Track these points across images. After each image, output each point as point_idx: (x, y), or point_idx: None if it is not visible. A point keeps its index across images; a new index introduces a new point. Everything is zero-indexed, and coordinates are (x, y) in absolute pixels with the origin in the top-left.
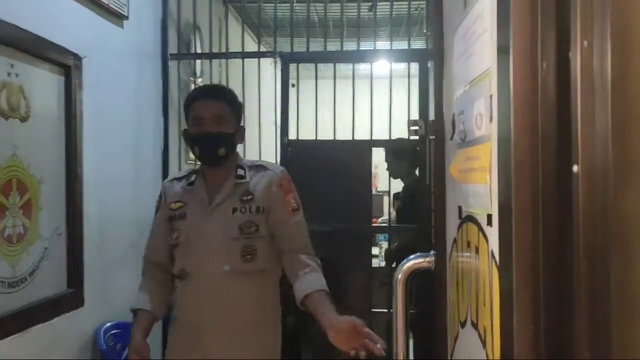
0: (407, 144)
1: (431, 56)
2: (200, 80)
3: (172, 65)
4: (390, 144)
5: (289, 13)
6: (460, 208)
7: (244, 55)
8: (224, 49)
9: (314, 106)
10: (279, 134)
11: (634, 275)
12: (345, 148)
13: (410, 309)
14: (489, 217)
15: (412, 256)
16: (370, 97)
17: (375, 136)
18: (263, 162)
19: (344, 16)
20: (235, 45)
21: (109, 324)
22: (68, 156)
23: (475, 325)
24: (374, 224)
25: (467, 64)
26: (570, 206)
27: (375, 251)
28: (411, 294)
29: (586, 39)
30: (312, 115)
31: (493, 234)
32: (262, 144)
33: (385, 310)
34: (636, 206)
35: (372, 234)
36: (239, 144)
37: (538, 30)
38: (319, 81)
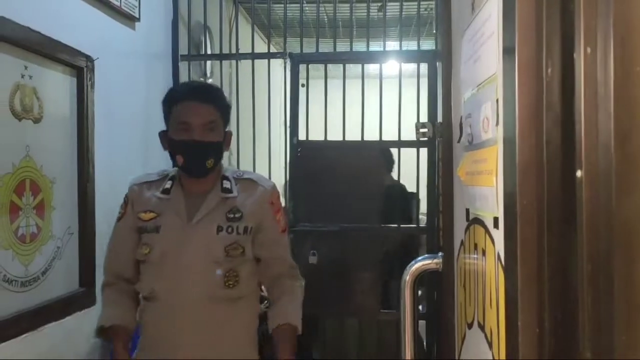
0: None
1: (439, 58)
2: (210, 80)
3: (183, 66)
4: (400, 145)
5: (298, 13)
6: (467, 210)
7: (254, 56)
8: (234, 50)
9: (323, 106)
10: (288, 135)
11: (636, 277)
12: (355, 149)
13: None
14: (496, 220)
15: (420, 257)
16: (379, 97)
17: (384, 136)
18: (251, 174)
19: (353, 16)
20: (245, 45)
21: None
22: (80, 156)
23: (482, 327)
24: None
25: (474, 67)
26: (574, 210)
27: None
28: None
29: (589, 46)
30: (321, 116)
31: (499, 236)
32: (271, 145)
33: (394, 311)
34: (638, 210)
35: (381, 234)
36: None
37: (543, 37)
38: (328, 80)
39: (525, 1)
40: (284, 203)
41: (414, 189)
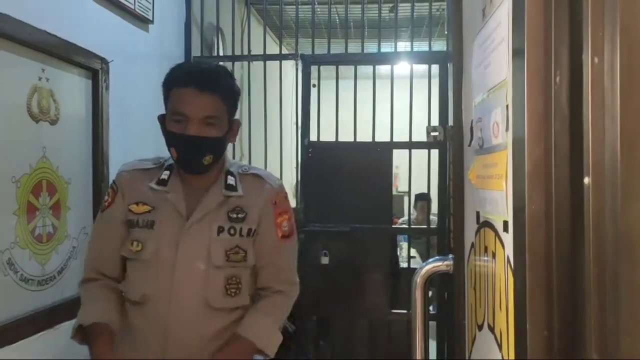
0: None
1: (451, 59)
2: None
3: None
4: (411, 146)
5: (310, 14)
6: (478, 213)
7: (265, 58)
8: (246, 51)
9: (334, 107)
10: (299, 136)
11: None
12: (366, 150)
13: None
14: (505, 224)
15: (431, 259)
16: (390, 98)
17: (395, 137)
18: (258, 169)
19: (365, 17)
20: (257, 46)
21: None
22: (95, 157)
23: (492, 329)
24: (394, 225)
25: (485, 72)
26: (581, 215)
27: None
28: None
29: (597, 55)
30: (332, 117)
31: (509, 240)
32: (283, 146)
33: (405, 312)
34: None
35: (392, 234)
36: (230, 143)
37: (552, 45)
38: (339, 81)
39: (534, 9)
40: (294, 204)
41: (425, 190)
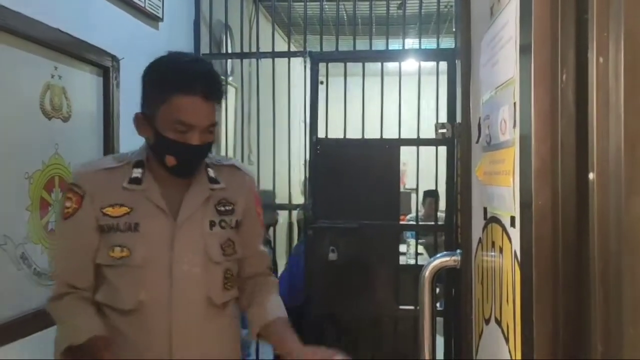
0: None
1: (458, 56)
2: (231, 79)
3: None
4: (419, 142)
5: (318, 11)
6: (485, 209)
7: (274, 55)
8: (254, 48)
9: (342, 104)
10: (308, 133)
11: None
12: (374, 146)
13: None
14: (512, 219)
15: (438, 255)
16: (398, 95)
17: (403, 134)
18: (232, 160)
19: (372, 14)
20: (265, 43)
21: None
22: (105, 153)
23: (499, 322)
24: (401, 221)
25: (493, 70)
26: (586, 211)
27: (402, 248)
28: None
29: (602, 55)
30: (340, 113)
31: (516, 235)
32: (291, 142)
33: (412, 308)
34: None
35: (399, 231)
36: None
37: (558, 44)
38: (347, 78)
39: (541, 9)
40: (303, 200)
41: (433, 187)
